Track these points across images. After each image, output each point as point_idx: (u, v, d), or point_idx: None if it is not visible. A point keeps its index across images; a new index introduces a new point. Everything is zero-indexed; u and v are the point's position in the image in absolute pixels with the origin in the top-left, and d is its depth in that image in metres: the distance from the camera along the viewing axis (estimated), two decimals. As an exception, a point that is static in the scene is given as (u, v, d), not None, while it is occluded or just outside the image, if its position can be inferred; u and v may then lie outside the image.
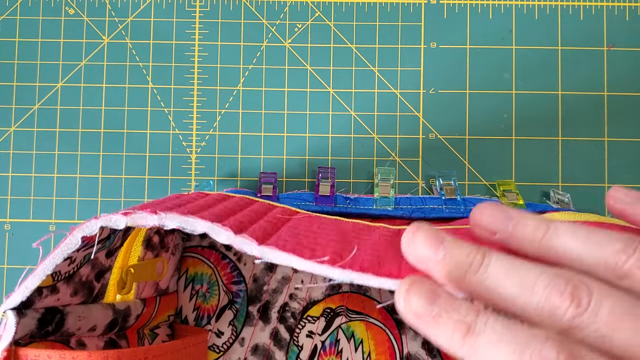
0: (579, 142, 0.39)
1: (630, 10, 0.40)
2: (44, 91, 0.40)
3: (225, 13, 0.40)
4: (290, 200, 0.36)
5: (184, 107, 0.40)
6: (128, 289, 0.28)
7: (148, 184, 0.39)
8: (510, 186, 0.37)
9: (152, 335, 0.33)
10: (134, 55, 0.40)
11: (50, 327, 0.24)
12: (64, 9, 0.41)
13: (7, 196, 0.39)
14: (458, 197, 0.36)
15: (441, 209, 0.36)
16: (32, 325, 0.23)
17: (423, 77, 0.40)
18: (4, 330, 0.22)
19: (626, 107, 0.39)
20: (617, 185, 0.24)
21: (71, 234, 0.23)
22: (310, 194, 0.37)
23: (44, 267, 0.23)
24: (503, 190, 0.37)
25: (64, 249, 0.23)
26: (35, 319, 0.23)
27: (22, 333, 0.23)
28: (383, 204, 0.36)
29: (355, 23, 0.40)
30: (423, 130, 0.40)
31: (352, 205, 0.36)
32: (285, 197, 0.37)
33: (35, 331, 0.23)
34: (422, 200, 0.37)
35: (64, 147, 0.40)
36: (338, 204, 0.36)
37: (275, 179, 0.37)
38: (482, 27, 0.40)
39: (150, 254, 0.31)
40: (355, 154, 0.40)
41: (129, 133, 0.40)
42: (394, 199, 0.36)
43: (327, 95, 0.40)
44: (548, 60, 0.40)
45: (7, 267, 0.39)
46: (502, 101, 0.40)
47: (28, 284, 0.23)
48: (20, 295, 0.23)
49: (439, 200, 0.36)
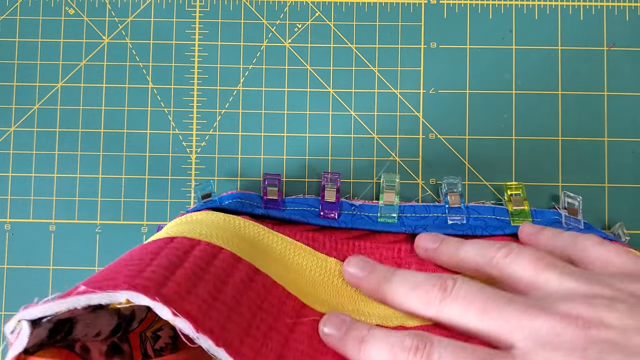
0: (579, 142, 0.39)
1: (630, 10, 0.40)
2: (44, 91, 0.40)
3: (225, 13, 0.40)
4: (297, 204, 0.36)
5: (184, 107, 0.40)
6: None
7: (148, 184, 0.39)
8: (518, 190, 0.37)
9: (154, 337, 0.33)
10: (134, 55, 0.40)
11: (60, 335, 0.24)
12: (64, 9, 0.41)
13: (7, 196, 0.39)
14: (462, 205, 0.36)
15: (445, 217, 0.36)
16: (43, 334, 0.23)
17: (423, 77, 0.40)
18: (16, 339, 0.22)
19: (626, 107, 0.39)
20: (527, 222, 0.34)
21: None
22: (316, 199, 0.37)
23: (77, 300, 0.22)
24: (510, 193, 0.37)
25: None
26: (47, 329, 0.23)
27: (32, 342, 0.23)
28: (387, 211, 0.36)
29: (355, 23, 0.40)
30: (423, 130, 0.40)
31: (357, 211, 0.36)
32: (291, 201, 0.37)
33: (45, 339, 0.23)
34: (426, 209, 0.36)
35: (64, 147, 0.40)
36: (344, 210, 0.36)
37: (279, 181, 0.37)
38: (482, 27, 0.40)
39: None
40: (355, 154, 0.40)
41: (129, 133, 0.40)
42: (399, 207, 0.36)
43: (327, 95, 0.40)
44: (548, 60, 0.40)
45: (7, 267, 0.39)
46: (502, 101, 0.40)
47: (54, 306, 0.22)
48: (41, 312, 0.22)
49: (443, 209, 0.36)
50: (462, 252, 0.30)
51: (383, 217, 0.36)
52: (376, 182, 0.39)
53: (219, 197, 0.36)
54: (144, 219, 0.39)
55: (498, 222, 0.36)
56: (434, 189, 0.39)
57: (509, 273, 0.28)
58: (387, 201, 0.35)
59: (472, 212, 0.36)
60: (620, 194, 0.39)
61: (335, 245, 0.34)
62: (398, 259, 0.34)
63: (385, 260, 0.34)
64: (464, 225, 0.36)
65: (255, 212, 0.35)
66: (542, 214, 0.37)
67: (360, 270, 0.31)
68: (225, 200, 0.35)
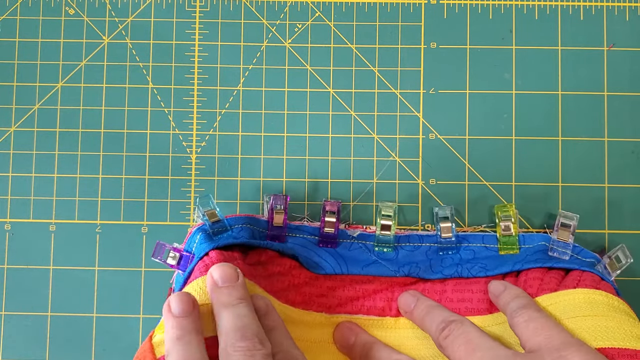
0: (579, 142, 0.39)
1: (630, 10, 0.40)
2: (44, 91, 0.40)
3: (225, 13, 0.40)
4: (299, 231, 0.37)
5: (184, 107, 0.40)
6: None
7: (148, 184, 0.39)
8: (509, 211, 0.37)
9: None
10: (134, 55, 0.40)
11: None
12: (64, 9, 0.41)
13: (7, 196, 0.39)
14: (453, 235, 0.36)
15: (436, 247, 0.37)
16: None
17: (423, 77, 0.40)
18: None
19: (626, 107, 0.39)
20: (495, 280, 0.35)
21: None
22: (316, 228, 0.37)
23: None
24: (501, 215, 0.37)
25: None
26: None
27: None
28: (383, 241, 0.37)
29: (355, 23, 0.40)
30: (423, 130, 0.40)
31: (355, 240, 0.37)
32: (295, 227, 0.37)
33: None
34: (420, 238, 0.37)
35: (64, 147, 0.40)
36: (342, 239, 0.37)
37: (286, 202, 0.37)
38: (482, 27, 0.40)
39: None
40: (355, 154, 0.40)
41: (129, 133, 0.40)
42: (394, 237, 0.37)
43: (327, 95, 0.40)
44: (548, 60, 0.40)
45: (7, 267, 0.39)
46: (502, 101, 0.40)
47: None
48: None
49: (435, 238, 0.37)
50: (425, 323, 0.33)
51: (379, 247, 0.37)
52: (376, 182, 0.39)
53: (227, 219, 0.36)
54: (144, 219, 0.39)
55: (487, 252, 0.37)
56: (434, 189, 0.39)
57: (448, 354, 0.31)
58: (384, 232, 0.37)
59: (462, 240, 0.37)
60: (620, 194, 0.39)
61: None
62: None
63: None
64: (454, 261, 0.36)
65: (262, 245, 0.36)
66: (530, 239, 0.37)
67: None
68: (235, 224, 0.36)
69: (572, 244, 0.35)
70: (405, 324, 0.36)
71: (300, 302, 0.35)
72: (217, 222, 0.35)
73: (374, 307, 0.36)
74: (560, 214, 0.36)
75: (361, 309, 0.36)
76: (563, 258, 0.35)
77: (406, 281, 0.36)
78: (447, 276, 0.36)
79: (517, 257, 0.36)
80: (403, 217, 0.39)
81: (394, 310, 0.36)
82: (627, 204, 0.39)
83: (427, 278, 0.36)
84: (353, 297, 0.36)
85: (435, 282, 0.36)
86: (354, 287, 0.36)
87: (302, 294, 0.36)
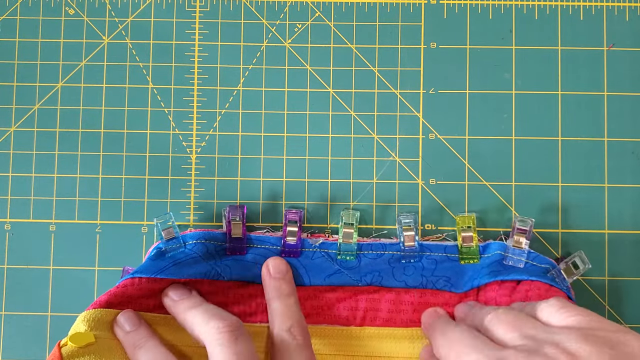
0: (579, 142, 0.39)
1: (630, 10, 0.40)
2: (44, 91, 0.40)
3: (225, 13, 0.41)
4: (260, 242, 0.37)
5: (184, 107, 0.40)
6: None
7: (148, 184, 0.39)
8: (469, 222, 0.37)
9: None
10: (134, 55, 0.40)
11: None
12: (64, 9, 0.41)
13: (7, 196, 0.39)
14: (416, 244, 0.36)
15: (399, 255, 0.37)
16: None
17: (423, 77, 0.40)
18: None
19: (626, 107, 0.39)
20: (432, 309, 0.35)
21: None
22: (278, 238, 0.37)
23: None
24: (461, 226, 0.37)
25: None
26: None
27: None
28: (345, 249, 0.37)
29: (355, 23, 0.40)
30: (423, 130, 0.40)
31: (317, 249, 0.37)
32: (255, 238, 0.37)
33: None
34: (382, 246, 0.37)
35: (64, 147, 0.40)
36: (305, 248, 0.37)
37: (243, 214, 0.37)
38: (482, 27, 0.40)
39: None
40: (355, 154, 0.40)
41: (129, 133, 0.40)
42: (356, 245, 0.37)
43: (327, 95, 0.40)
44: (548, 60, 0.40)
45: (7, 267, 0.39)
46: (502, 101, 0.40)
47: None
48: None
49: (398, 246, 0.37)
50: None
51: (342, 255, 0.37)
52: (376, 182, 0.39)
53: (182, 235, 0.37)
54: (144, 219, 0.39)
55: (449, 262, 0.37)
56: (434, 189, 0.39)
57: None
58: (346, 240, 0.37)
59: (425, 249, 0.37)
60: (620, 194, 0.39)
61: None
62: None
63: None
64: (416, 270, 0.37)
65: (217, 265, 0.36)
66: (488, 248, 0.37)
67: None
68: (189, 240, 0.36)
69: (527, 250, 0.35)
70: (371, 334, 0.36)
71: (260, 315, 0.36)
72: (172, 239, 0.36)
73: (338, 317, 0.36)
74: (516, 218, 0.37)
75: (325, 319, 0.36)
76: (518, 266, 0.35)
77: (369, 289, 0.36)
78: (410, 286, 0.36)
79: (475, 267, 0.36)
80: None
81: (358, 319, 0.36)
82: (627, 204, 0.39)
83: (389, 286, 0.36)
84: (317, 306, 0.36)
85: (400, 292, 0.36)
86: (317, 296, 0.36)
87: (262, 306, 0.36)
